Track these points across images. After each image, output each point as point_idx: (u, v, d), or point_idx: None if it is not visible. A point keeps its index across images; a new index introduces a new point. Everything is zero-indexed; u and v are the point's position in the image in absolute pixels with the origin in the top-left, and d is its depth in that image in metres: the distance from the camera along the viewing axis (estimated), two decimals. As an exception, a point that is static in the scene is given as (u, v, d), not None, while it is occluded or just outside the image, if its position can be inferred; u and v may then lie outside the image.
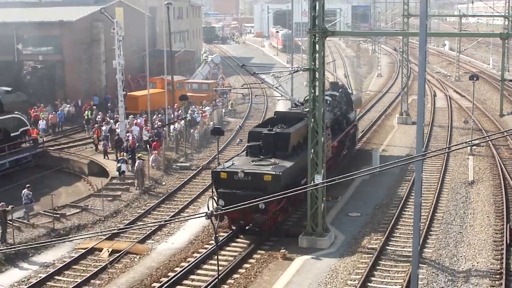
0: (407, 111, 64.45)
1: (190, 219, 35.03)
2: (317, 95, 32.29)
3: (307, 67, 33.28)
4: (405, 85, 65.67)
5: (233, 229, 35.04)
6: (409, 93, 66.95)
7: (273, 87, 41.09)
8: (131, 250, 33.40)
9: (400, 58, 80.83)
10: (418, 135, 23.41)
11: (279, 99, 68.48)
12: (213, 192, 34.57)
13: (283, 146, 36.51)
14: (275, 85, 40.85)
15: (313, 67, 32.07)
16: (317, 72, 32.06)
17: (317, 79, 32.14)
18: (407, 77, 67.65)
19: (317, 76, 32.09)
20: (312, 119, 32.42)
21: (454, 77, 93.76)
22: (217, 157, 45.16)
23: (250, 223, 35.01)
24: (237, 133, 58.48)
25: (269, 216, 33.64)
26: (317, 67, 32.01)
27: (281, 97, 46.12)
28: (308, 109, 32.63)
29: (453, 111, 69.50)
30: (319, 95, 32.24)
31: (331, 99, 45.57)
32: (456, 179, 44.28)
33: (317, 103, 32.23)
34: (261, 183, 33.07)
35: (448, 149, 45.71)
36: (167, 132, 54.63)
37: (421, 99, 23.41)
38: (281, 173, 33.39)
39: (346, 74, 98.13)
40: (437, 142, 55.50)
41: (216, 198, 33.98)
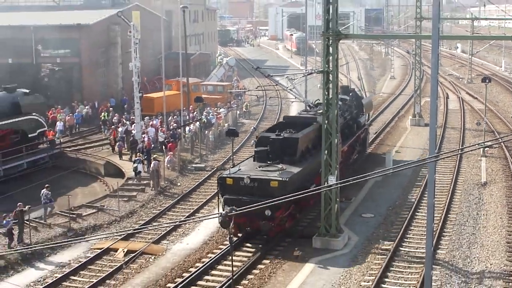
0: (420, 113, 64.38)
1: (204, 219, 35.20)
2: (330, 97, 32.34)
3: (320, 70, 33.21)
4: (418, 87, 65.62)
5: (239, 236, 34.31)
6: (421, 95, 66.73)
7: (287, 89, 41.27)
8: (146, 250, 33.47)
9: (413, 60, 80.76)
10: (431, 137, 23.48)
11: (293, 101, 68.65)
12: (218, 198, 34.21)
13: (291, 151, 35.76)
14: (289, 87, 41.00)
15: (326, 69, 32.09)
16: (330, 74, 32.06)
17: (330, 82, 32.14)
18: (420, 79, 67.58)
19: (331, 78, 32.10)
20: (325, 121, 32.51)
21: (466, 79, 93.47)
22: (232, 158, 45.26)
23: (256, 230, 33.96)
24: (251, 134, 58.62)
25: (275, 223, 32.91)
26: (331, 70, 32.03)
27: (295, 99, 46.28)
28: (321, 111, 32.74)
29: (466, 113, 69.33)
30: (333, 97, 32.28)
31: (341, 103, 45.01)
32: (469, 180, 44.23)
33: (330, 105, 32.34)
34: (268, 190, 32.14)
35: (460, 150, 45.67)
36: (182, 133, 54.87)
37: (433, 101, 23.53)
38: (288, 179, 32.68)
39: (359, 76, 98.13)
40: (449, 143, 55.21)
41: (222, 204, 33.47)
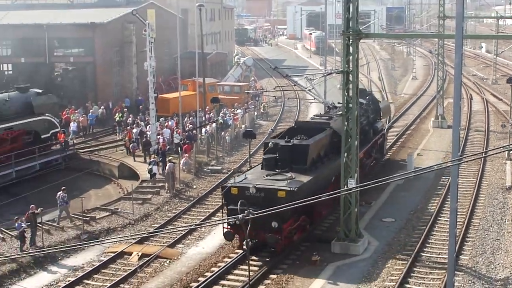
0: (442, 114, 63.70)
1: (220, 223, 34.55)
2: (350, 97, 31.81)
3: (340, 70, 32.81)
4: (441, 88, 64.96)
5: (244, 249, 32.08)
6: (444, 96, 66.20)
7: (306, 89, 40.62)
8: (161, 254, 33.14)
9: (435, 60, 79.96)
10: (454, 139, 23.11)
11: (311, 102, 68.09)
12: (223, 208, 33.20)
13: (301, 159, 34.23)
14: (308, 87, 40.35)
15: (346, 69, 31.68)
16: (350, 74, 31.64)
17: (350, 82, 31.73)
18: (443, 80, 66.92)
19: (351, 79, 31.68)
20: (345, 123, 31.89)
21: (491, 80, 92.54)
22: (249, 160, 44.81)
23: (263, 243, 32.10)
24: (269, 136, 58.00)
25: (283, 235, 31.34)
26: (351, 70, 31.62)
27: (314, 100, 45.63)
28: (340, 113, 32.19)
29: (490, 114, 68.52)
30: (353, 98, 31.78)
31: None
32: (493, 184, 43.53)
33: (350, 106, 31.72)
34: (275, 200, 29.52)
35: (484, 153, 44.99)
36: (198, 135, 54.31)
37: (457, 102, 22.97)
38: (296, 189, 30.99)
39: (380, 76, 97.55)
40: (473, 146, 54.81)
41: (226, 214, 32.32)
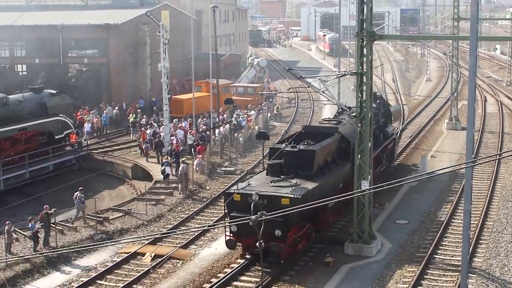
0: (456, 116, 63.47)
1: (233, 224, 34.48)
2: (364, 99, 31.74)
3: (354, 71, 32.79)
4: (455, 90, 64.73)
5: (247, 258, 31.91)
6: (458, 98, 65.98)
7: (319, 91, 40.54)
8: (174, 255, 33.14)
9: (449, 62, 79.74)
10: (468, 141, 22.98)
11: (325, 104, 68.00)
12: (225, 215, 32.46)
13: (307, 165, 33.13)
14: (321, 89, 40.23)
15: (360, 71, 31.63)
16: (364, 76, 31.58)
17: (364, 84, 31.65)
18: (457, 82, 66.64)
19: (365, 80, 31.60)
20: (359, 124, 31.81)
21: (505, 81, 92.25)
22: (262, 161, 44.77)
23: (266, 251, 30.04)
24: (282, 137, 57.88)
25: (286, 244, 30.29)
26: (365, 71, 31.56)
27: (328, 101, 45.54)
28: (354, 115, 32.15)
29: (505, 117, 68.30)
30: (367, 99, 31.69)
31: None
32: (507, 186, 43.29)
33: (364, 108, 31.63)
34: (278, 208, 27.04)
35: (499, 155, 44.84)
36: (211, 136, 54.32)
37: (471, 104, 22.93)
38: (300, 196, 29.84)
39: (394, 78, 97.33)
40: (487, 148, 54.54)
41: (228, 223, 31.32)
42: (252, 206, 29.39)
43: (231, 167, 49.89)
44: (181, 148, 49.71)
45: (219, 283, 29.52)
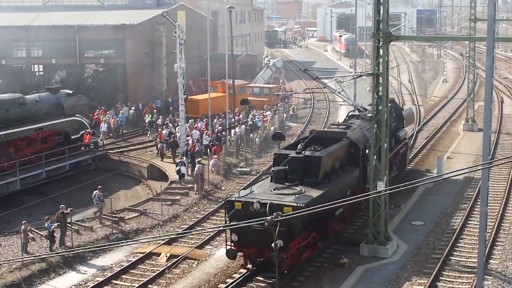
0: (473, 117, 63.17)
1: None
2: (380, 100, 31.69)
3: (370, 72, 32.78)
4: (471, 91, 64.43)
5: (248, 268, 30.90)
6: (475, 99, 65.65)
7: (335, 92, 40.40)
8: (189, 255, 33.16)
9: (466, 63, 79.37)
10: (484, 143, 22.98)
11: (341, 104, 67.91)
12: (226, 223, 31.38)
13: (313, 171, 32.18)
14: (337, 90, 40.07)
15: (376, 72, 31.60)
16: (380, 77, 31.56)
17: (380, 84, 31.60)
18: (474, 83, 66.37)
19: (381, 81, 31.57)
20: (375, 125, 31.69)
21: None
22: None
23: (269, 262, 29.79)
24: (298, 138, 57.84)
25: (289, 254, 29.12)
26: (381, 72, 31.52)
27: (344, 102, 45.40)
28: (370, 115, 32.07)
29: (521, 118, 68.02)
30: (383, 100, 31.62)
31: None
32: (524, 188, 43.03)
33: (380, 108, 31.54)
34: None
35: (515, 157, 44.63)
36: (227, 136, 54.33)
37: (488, 106, 22.83)
38: (303, 204, 28.53)
39: (410, 79, 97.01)
40: (504, 150, 54.35)
41: (229, 232, 30.51)
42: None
43: (246, 167, 49.91)
44: (197, 148, 49.70)
45: (234, 283, 29.50)
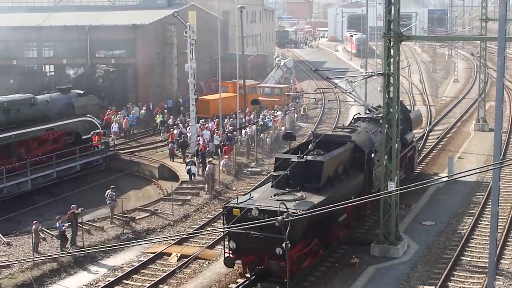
0: (484, 117, 63.00)
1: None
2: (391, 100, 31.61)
3: (381, 72, 32.71)
4: (483, 91, 64.26)
5: (247, 277, 30.12)
6: (486, 99, 65.50)
7: (346, 92, 40.39)
8: (200, 255, 33.12)
9: (477, 63, 79.18)
10: (495, 142, 22.78)
11: (352, 104, 67.82)
12: (224, 229, 30.64)
13: (315, 177, 31.20)
14: (348, 90, 40.06)
15: (387, 72, 31.53)
16: (391, 77, 31.48)
17: (391, 85, 31.56)
18: (485, 83, 66.19)
19: (392, 81, 31.51)
20: (385, 125, 31.68)
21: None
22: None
23: (266, 271, 29.15)
24: (309, 138, 57.80)
25: (288, 263, 26.45)
26: (392, 72, 31.46)
27: (354, 102, 45.34)
28: (381, 115, 32.05)
29: (533, 118, 67.61)
30: (394, 100, 31.57)
31: None
32: (535, 188, 42.92)
33: (391, 108, 31.52)
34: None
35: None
36: (238, 136, 54.33)
37: (499, 105, 22.79)
38: (304, 211, 27.22)
39: (421, 79, 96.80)
40: (515, 149, 54.08)
41: (227, 239, 29.66)
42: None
43: (257, 167, 49.91)
44: (208, 148, 49.72)
45: (245, 283, 29.49)
